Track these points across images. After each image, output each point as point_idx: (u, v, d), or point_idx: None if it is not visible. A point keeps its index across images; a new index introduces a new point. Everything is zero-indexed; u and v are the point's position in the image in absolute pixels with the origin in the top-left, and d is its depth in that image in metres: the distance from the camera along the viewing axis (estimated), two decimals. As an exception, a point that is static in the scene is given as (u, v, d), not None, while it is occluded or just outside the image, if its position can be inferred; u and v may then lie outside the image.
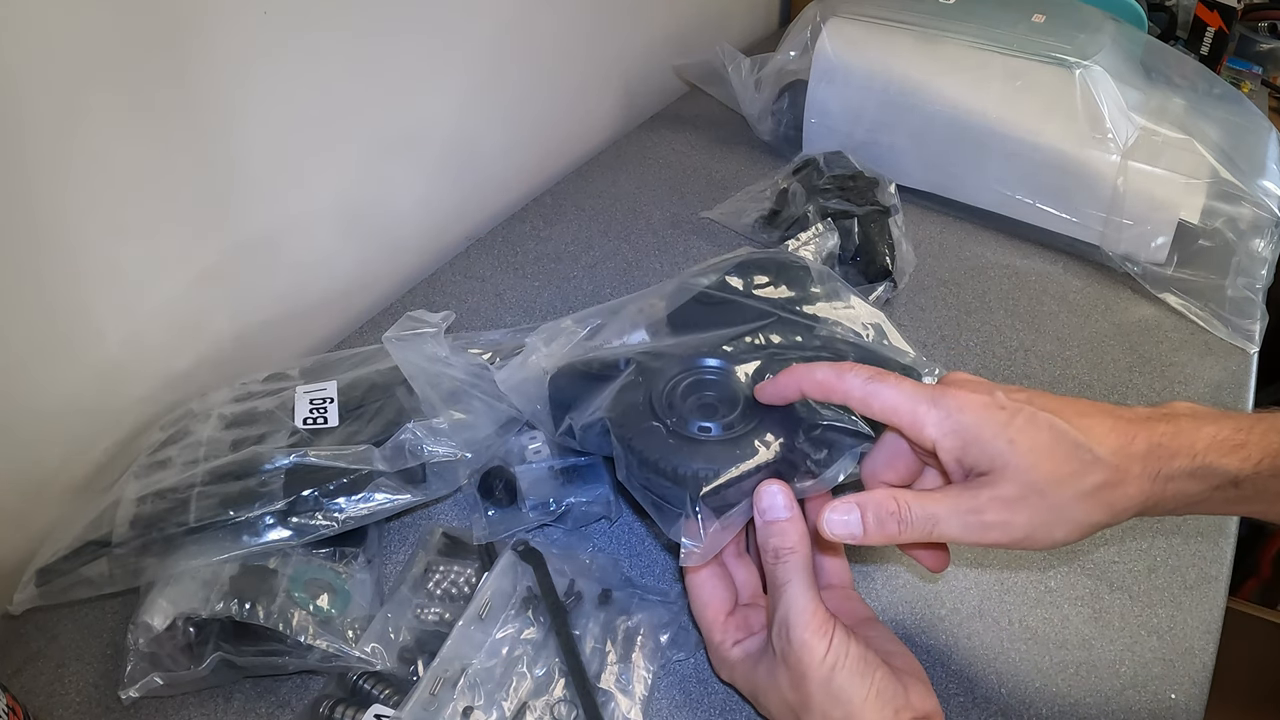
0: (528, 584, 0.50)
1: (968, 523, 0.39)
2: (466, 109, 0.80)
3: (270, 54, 0.59)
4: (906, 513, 0.39)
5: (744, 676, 0.45)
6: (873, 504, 0.40)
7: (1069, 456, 0.38)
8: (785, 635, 0.41)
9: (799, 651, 0.40)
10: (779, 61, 0.92)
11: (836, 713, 0.40)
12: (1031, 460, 0.38)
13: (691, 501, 0.44)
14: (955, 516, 0.39)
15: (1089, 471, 0.38)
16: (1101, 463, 0.38)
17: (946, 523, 0.39)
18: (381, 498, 0.50)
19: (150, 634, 0.45)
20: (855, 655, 0.40)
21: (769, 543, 0.43)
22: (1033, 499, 0.38)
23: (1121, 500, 0.38)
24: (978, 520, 0.38)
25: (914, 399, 0.40)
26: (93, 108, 0.50)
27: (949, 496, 0.39)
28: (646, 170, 0.94)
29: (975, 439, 0.39)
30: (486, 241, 0.83)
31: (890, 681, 0.40)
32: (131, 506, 0.49)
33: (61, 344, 0.54)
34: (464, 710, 0.44)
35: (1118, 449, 0.38)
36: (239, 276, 0.64)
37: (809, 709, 0.40)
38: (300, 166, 0.66)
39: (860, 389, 0.41)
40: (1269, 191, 0.74)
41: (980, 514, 0.38)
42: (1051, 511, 0.38)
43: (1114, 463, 0.38)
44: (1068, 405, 0.40)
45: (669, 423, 0.46)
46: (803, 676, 0.40)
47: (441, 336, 0.57)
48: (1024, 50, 0.79)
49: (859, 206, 0.76)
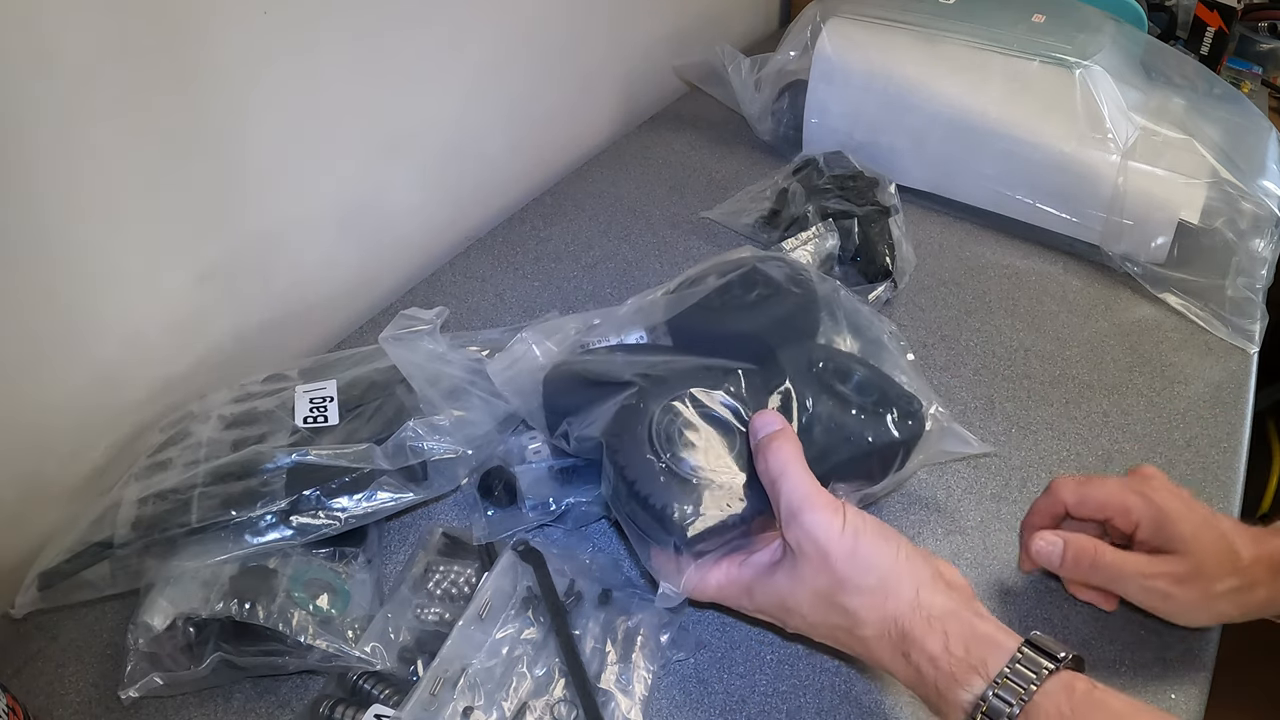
0: (528, 584, 0.50)
1: (1143, 585, 0.47)
2: (467, 109, 0.80)
3: (270, 54, 0.59)
4: (1099, 559, 0.48)
5: (764, 591, 0.44)
6: (1074, 544, 0.48)
7: (1226, 558, 0.46)
8: (797, 523, 0.42)
9: (815, 531, 0.41)
10: (779, 61, 0.92)
11: (870, 579, 0.40)
12: (1204, 553, 0.46)
13: (676, 548, 0.44)
14: (1135, 578, 0.47)
15: (1235, 574, 0.46)
16: (1244, 569, 0.46)
17: (1127, 580, 0.48)
18: (384, 496, 0.50)
19: (150, 634, 0.45)
20: (873, 523, 0.42)
21: (758, 440, 0.45)
22: (1199, 582, 0.46)
23: (1252, 601, 0.47)
24: (1151, 585, 0.47)
25: (1123, 492, 0.49)
26: (93, 108, 0.50)
27: (1135, 559, 0.48)
28: (646, 170, 0.94)
29: (1171, 523, 0.47)
30: (486, 241, 0.83)
31: (915, 549, 0.42)
32: (133, 508, 0.49)
33: (61, 345, 0.54)
34: (464, 710, 0.44)
35: (1254, 559, 0.46)
36: (239, 277, 0.64)
37: (842, 586, 0.40)
38: (300, 167, 0.66)
39: (1075, 493, 0.50)
40: (1269, 191, 0.74)
41: (1154, 580, 0.47)
42: (1204, 598, 0.46)
43: (1252, 569, 0.46)
44: (1223, 518, 0.49)
45: (664, 457, 0.45)
46: (825, 555, 0.41)
47: (437, 332, 0.57)
48: (1024, 50, 0.79)
49: (859, 206, 0.76)
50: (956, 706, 0.38)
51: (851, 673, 0.50)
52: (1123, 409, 0.66)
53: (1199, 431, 0.64)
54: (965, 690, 0.38)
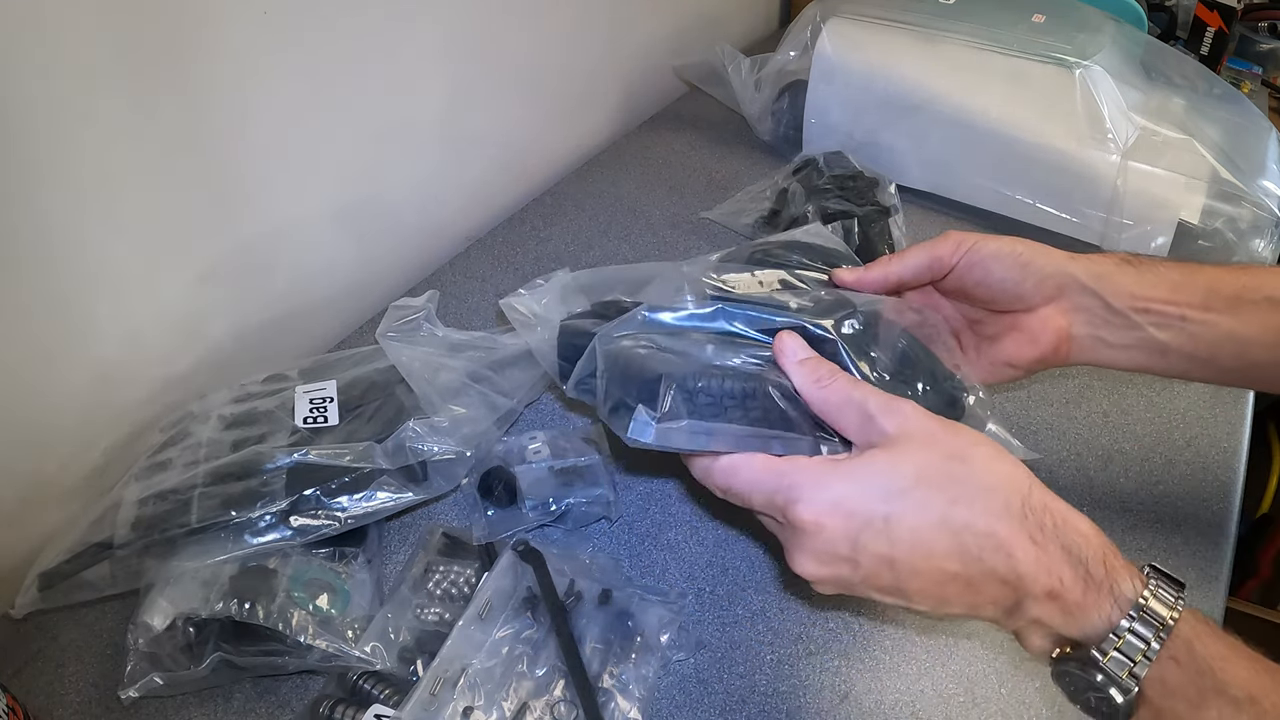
0: (528, 584, 0.50)
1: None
2: (467, 109, 0.80)
3: (270, 55, 0.59)
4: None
5: (858, 474, 0.38)
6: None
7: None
8: (894, 410, 0.38)
9: (916, 413, 0.38)
10: (779, 61, 0.93)
11: (984, 447, 0.38)
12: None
13: (665, 382, 0.41)
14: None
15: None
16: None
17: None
18: (383, 496, 0.50)
19: (150, 634, 0.45)
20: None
21: (805, 381, 0.41)
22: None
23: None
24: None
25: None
26: (93, 108, 0.50)
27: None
28: (646, 170, 0.94)
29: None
30: (486, 241, 0.83)
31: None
32: (133, 509, 0.49)
33: (61, 345, 0.54)
34: (464, 710, 0.44)
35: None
36: (238, 277, 0.64)
37: (961, 455, 0.37)
38: (300, 167, 0.66)
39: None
40: (1269, 191, 0.73)
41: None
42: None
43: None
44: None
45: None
46: (932, 432, 0.38)
47: (433, 316, 0.57)
48: (1024, 50, 0.79)
49: (859, 206, 0.76)
50: (1115, 592, 0.35)
51: (852, 672, 0.50)
52: (1123, 409, 0.66)
53: (1199, 431, 0.64)
54: (1127, 578, 0.36)
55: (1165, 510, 0.58)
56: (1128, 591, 0.35)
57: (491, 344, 0.61)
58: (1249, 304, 0.47)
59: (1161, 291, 0.47)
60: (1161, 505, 0.59)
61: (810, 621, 0.52)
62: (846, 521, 0.37)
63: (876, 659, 0.51)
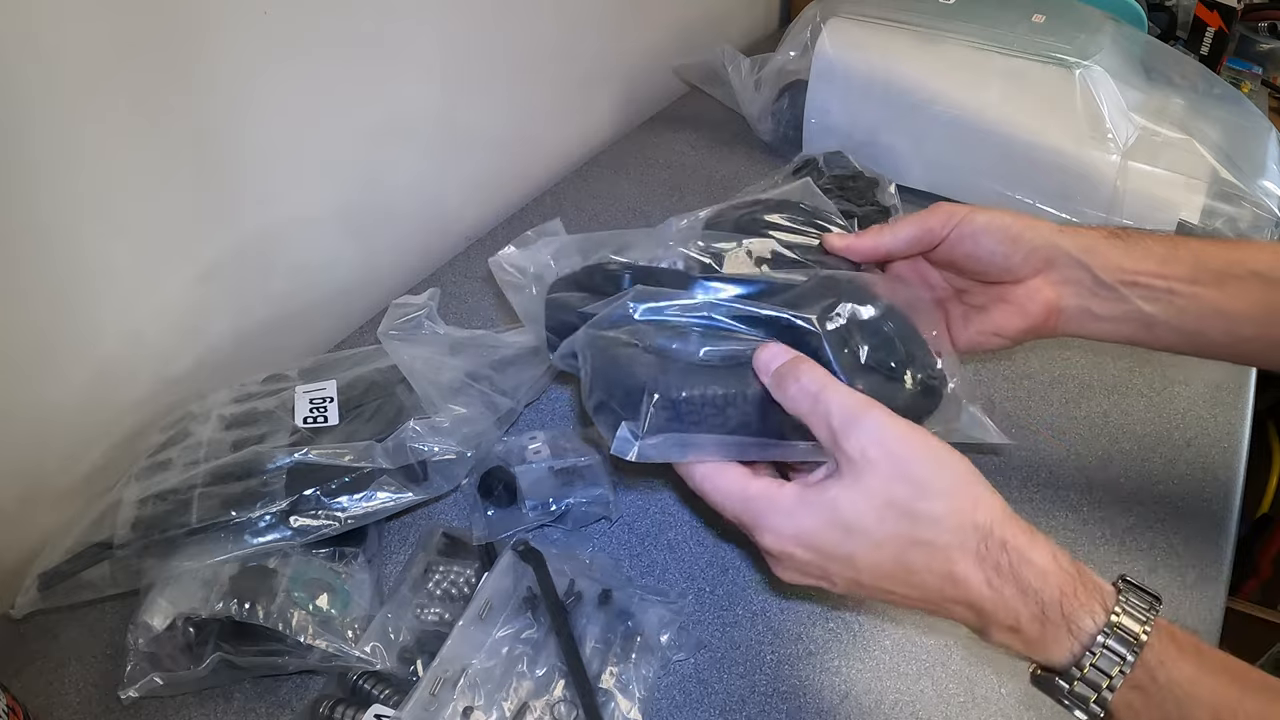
0: (528, 584, 0.50)
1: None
2: (467, 109, 0.80)
3: (270, 54, 0.59)
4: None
5: (817, 508, 0.38)
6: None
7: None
8: (859, 428, 0.37)
9: (882, 434, 0.37)
10: (779, 61, 0.92)
11: (944, 480, 0.37)
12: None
13: (648, 396, 0.40)
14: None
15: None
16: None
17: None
18: (383, 496, 0.50)
19: (150, 634, 0.45)
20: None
21: (778, 368, 0.40)
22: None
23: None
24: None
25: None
26: (93, 108, 0.50)
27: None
28: (646, 171, 0.94)
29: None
30: (486, 241, 0.83)
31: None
32: (133, 509, 0.49)
33: (61, 345, 0.54)
34: (464, 710, 0.44)
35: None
36: (238, 277, 0.64)
37: (921, 491, 0.37)
38: (300, 167, 0.66)
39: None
40: (1269, 191, 0.73)
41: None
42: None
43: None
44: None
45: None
46: (898, 459, 0.37)
47: (434, 313, 0.57)
48: (1024, 50, 0.79)
49: (859, 206, 0.76)
50: (1074, 629, 0.35)
51: (851, 672, 0.50)
52: (1123, 409, 0.66)
53: (1199, 431, 0.64)
54: (1087, 614, 0.36)
55: (1165, 510, 0.58)
56: (1088, 627, 0.36)
57: (493, 343, 0.61)
58: (1235, 279, 0.47)
59: (1149, 265, 0.48)
60: (1161, 505, 0.59)
61: (810, 621, 0.52)
62: (813, 555, 0.39)
63: (876, 659, 0.51)
